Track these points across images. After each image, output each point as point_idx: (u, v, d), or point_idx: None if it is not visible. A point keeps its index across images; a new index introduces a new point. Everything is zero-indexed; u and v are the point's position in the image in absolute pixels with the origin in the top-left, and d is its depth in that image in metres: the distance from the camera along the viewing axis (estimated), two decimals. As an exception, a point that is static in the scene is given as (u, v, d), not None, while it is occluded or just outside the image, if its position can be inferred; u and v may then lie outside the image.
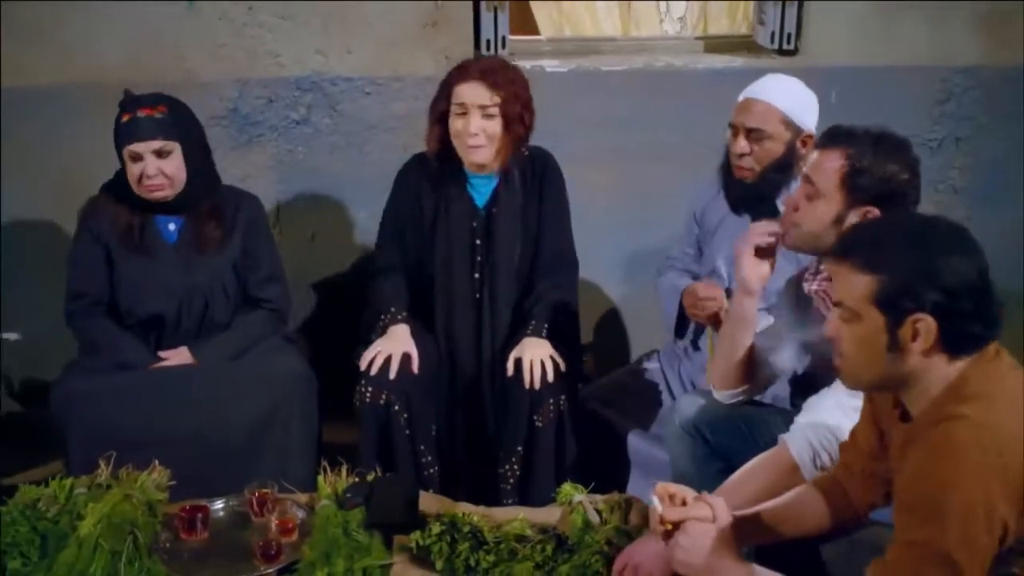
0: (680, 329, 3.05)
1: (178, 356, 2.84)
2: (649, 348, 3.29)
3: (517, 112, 2.80)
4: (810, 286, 2.32)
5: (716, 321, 2.80)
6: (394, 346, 2.77)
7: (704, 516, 1.81)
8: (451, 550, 2.30)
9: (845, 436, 2.06)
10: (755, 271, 2.34)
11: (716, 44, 3.88)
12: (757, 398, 2.57)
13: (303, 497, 2.52)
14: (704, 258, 3.03)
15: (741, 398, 2.50)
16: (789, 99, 2.77)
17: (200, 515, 2.39)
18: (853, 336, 1.73)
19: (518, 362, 2.75)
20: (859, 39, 3.69)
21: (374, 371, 2.73)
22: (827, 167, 2.19)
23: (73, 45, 3.36)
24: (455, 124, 2.81)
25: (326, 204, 3.61)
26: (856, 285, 1.71)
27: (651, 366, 3.12)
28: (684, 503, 1.85)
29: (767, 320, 2.56)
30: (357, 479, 2.55)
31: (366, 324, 2.92)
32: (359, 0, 3.42)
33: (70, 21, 3.33)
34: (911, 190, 2.16)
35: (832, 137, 2.22)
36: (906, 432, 1.75)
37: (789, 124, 2.75)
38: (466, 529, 2.36)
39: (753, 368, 2.46)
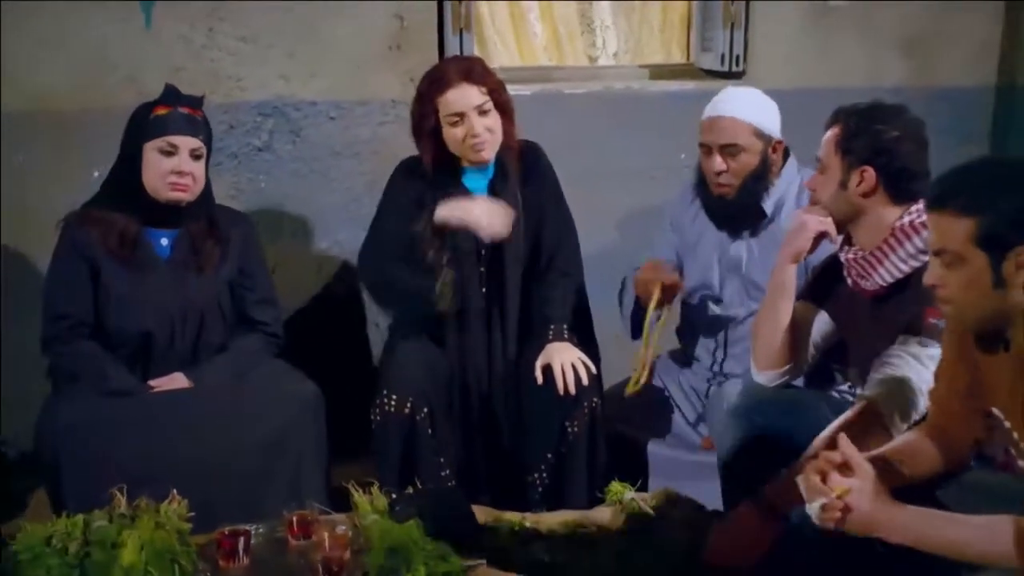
0: (636, 329, 3.02)
1: (172, 382, 2.64)
2: (619, 366, 3.26)
3: (505, 98, 2.78)
4: (845, 255, 2.38)
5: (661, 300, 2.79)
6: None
7: (867, 475, 1.79)
8: (524, 551, 2.21)
9: (923, 386, 2.12)
10: (806, 244, 2.38)
11: (659, 71, 3.96)
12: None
13: (341, 516, 2.37)
14: (688, 271, 3.03)
15: (785, 379, 2.52)
16: (754, 110, 2.82)
17: (242, 540, 2.20)
18: (959, 280, 1.81)
19: (546, 369, 2.67)
20: (799, 62, 3.86)
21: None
22: (828, 141, 2.37)
23: (14, 71, 3.12)
24: (453, 133, 2.74)
25: (288, 235, 3.46)
26: (957, 230, 1.79)
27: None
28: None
29: None
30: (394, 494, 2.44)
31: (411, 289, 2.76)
32: (322, 22, 3.33)
33: (8, 44, 3.10)
34: (904, 146, 2.29)
35: (834, 117, 2.40)
36: (1013, 361, 1.78)
37: (760, 134, 2.80)
38: (532, 530, 2.28)
39: (795, 345, 2.49)
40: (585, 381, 2.65)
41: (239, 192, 3.37)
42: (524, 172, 2.89)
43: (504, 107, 2.77)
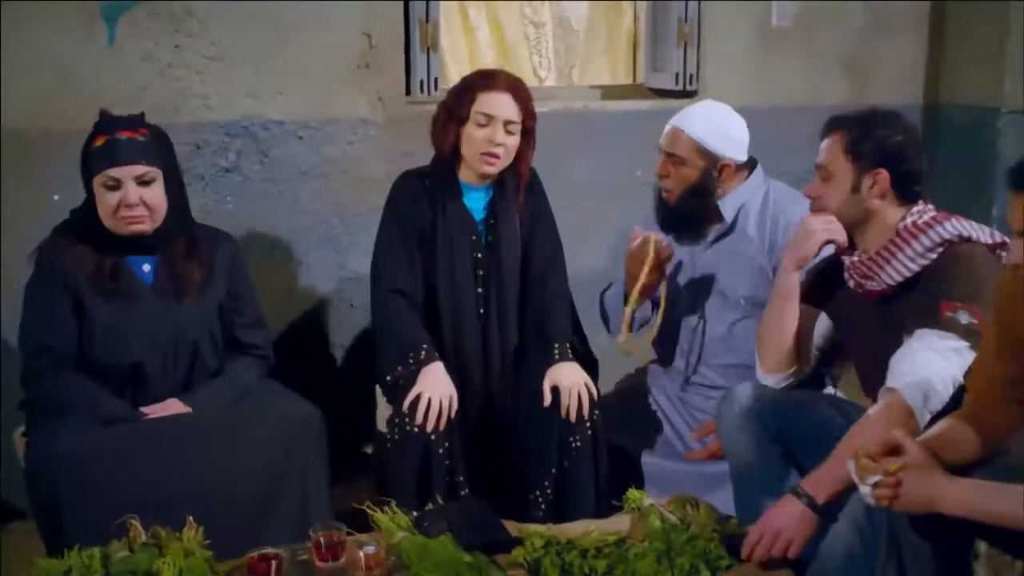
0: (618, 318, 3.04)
1: (167, 409, 2.52)
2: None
3: (533, 128, 2.80)
4: (850, 258, 2.46)
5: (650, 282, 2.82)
6: (436, 389, 2.62)
7: (918, 455, 1.84)
8: (561, 561, 2.19)
9: (947, 378, 2.19)
10: (813, 249, 2.45)
11: (610, 92, 4.03)
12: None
13: (364, 536, 2.31)
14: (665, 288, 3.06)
15: (791, 381, 2.58)
16: (704, 128, 2.83)
17: (275, 564, 2.12)
18: None
19: (554, 390, 2.68)
20: (748, 81, 3.98)
21: (419, 418, 2.58)
22: (831, 148, 2.43)
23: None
24: (476, 133, 2.74)
25: (256, 257, 3.36)
26: None
27: (630, 384, 3.13)
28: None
29: None
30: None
31: (387, 357, 2.74)
32: (290, 39, 3.28)
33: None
34: (908, 149, 2.38)
35: (829, 126, 2.48)
36: None
37: (703, 153, 2.82)
38: (564, 540, 2.27)
39: (800, 347, 2.56)
40: (586, 406, 2.67)
41: (206, 214, 3.25)
42: (518, 192, 2.90)
43: (530, 135, 2.80)
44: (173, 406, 2.52)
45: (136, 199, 2.47)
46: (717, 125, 2.84)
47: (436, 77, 3.48)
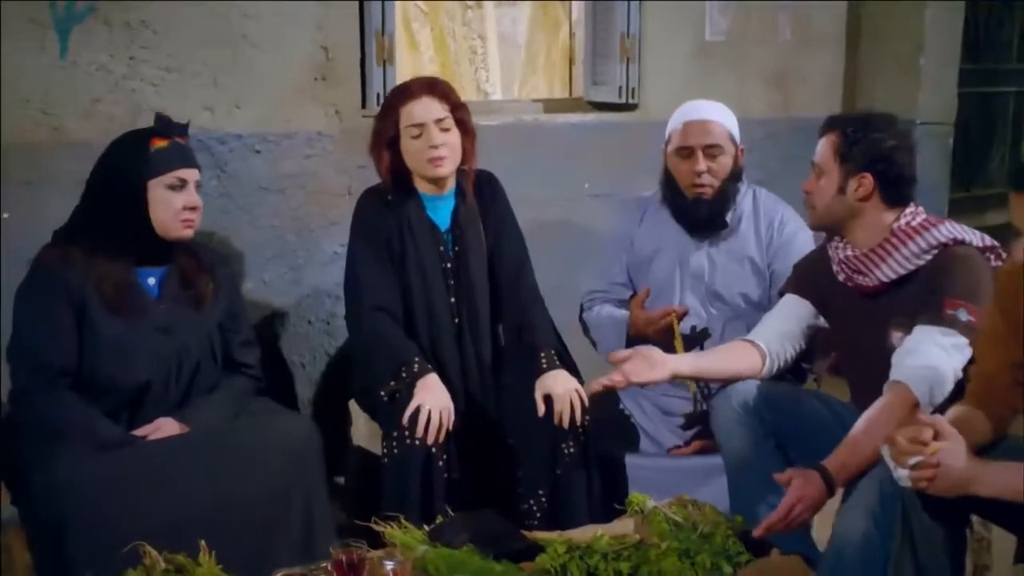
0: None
1: (160, 429, 2.43)
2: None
3: (466, 118, 2.82)
4: (843, 252, 2.56)
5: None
6: (436, 400, 2.60)
7: (956, 436, 1.93)
8: (586, 565, 2.22)
9: (950, 372, 2.31)
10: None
11: (552, 105, 4.08)
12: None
13: (379, 552, 2.27)
14: (641, 286, 3.11)
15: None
16: (728, 118, 3.04)
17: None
18: None
19: (547, 398, 2.68)
20: (684, 95, 4.06)
21: (420, 429, 2.55)
22: (825, 148, 2.56)
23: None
24: (412, 145, 2.76)
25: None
26: None
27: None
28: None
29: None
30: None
31: (378, 372, 2.70)
32: (247, 52, 3.20)
33: None
34: (900, 154, 2.50)
35: (828, 124, 2.59)
36: None
37: (733, 139, 3.01)
38: (584, 545, 2.29)
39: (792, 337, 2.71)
40: (579, 412, 2.68)
41: (163, 231, 3.16)
42: (484, 201, 2.93)
43: (465, 126, 2.81)
44: (166, 426, 2.44)
45: (198, 202, 2.47)
46: (729, 114, 3.03)
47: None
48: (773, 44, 4.28)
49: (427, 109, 2.75)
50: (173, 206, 2.44)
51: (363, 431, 2.97)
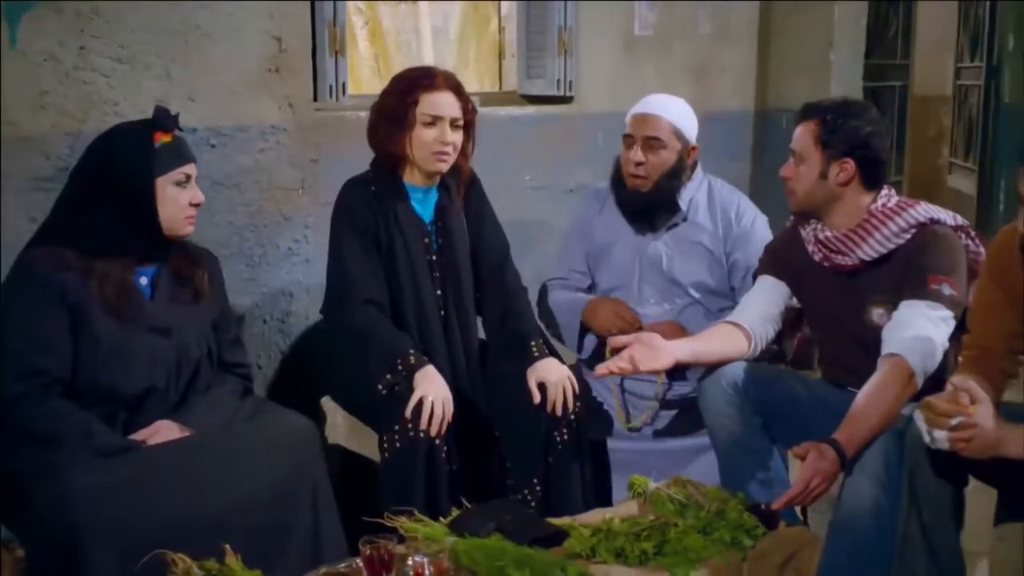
0: (582, 345, 3.19)
1: (158, 433, 2.34)
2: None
3: (474, 121, 2.85)
4: (821, 233, 2.66)
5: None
6: (437, 392, 2.58)
7: (988, 400, 2.05)
8: (613, 546, 2.26)
9: (939, 344, 2.44)
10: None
11: (487, 98, 4.09)
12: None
13: (400, 546, 2.26)
14: (600, 274, 3.20)
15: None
16: (677, 113, 3.10)
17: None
18: None
19: (541, 387, 2.71)
20: (615, 88, 4.17)
21: (425, 420, 2.53)
22: (804, 135, 2.65)
23: None
24: (424, 133, 2.75)
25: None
26: None
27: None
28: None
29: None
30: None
31: (373, 366, 2.66)
32: (200, 42, 3.09)
33: None
34: (875, 139, 2.63)
35: (805, 112, 2.69)
36: None
37: (679, 135, 3.07)
38: (606, 528, 2.33)
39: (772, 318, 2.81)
40: (571, 401, 2.72)
41: (116, 229, 3.03)
42: (465, 195, 2.95)
43: (471, 129, 2.83)
44: (165, 430, 2.35)
45: (202, 197, 2.42)
46: (683, 110, 3.08)
47: (344, 82, 3.41)
48: (694, 38, 4.40)
49: (448, 105, 2.76)
50: (180, 202, 2.36)
51: (342, 428, 2.93)
